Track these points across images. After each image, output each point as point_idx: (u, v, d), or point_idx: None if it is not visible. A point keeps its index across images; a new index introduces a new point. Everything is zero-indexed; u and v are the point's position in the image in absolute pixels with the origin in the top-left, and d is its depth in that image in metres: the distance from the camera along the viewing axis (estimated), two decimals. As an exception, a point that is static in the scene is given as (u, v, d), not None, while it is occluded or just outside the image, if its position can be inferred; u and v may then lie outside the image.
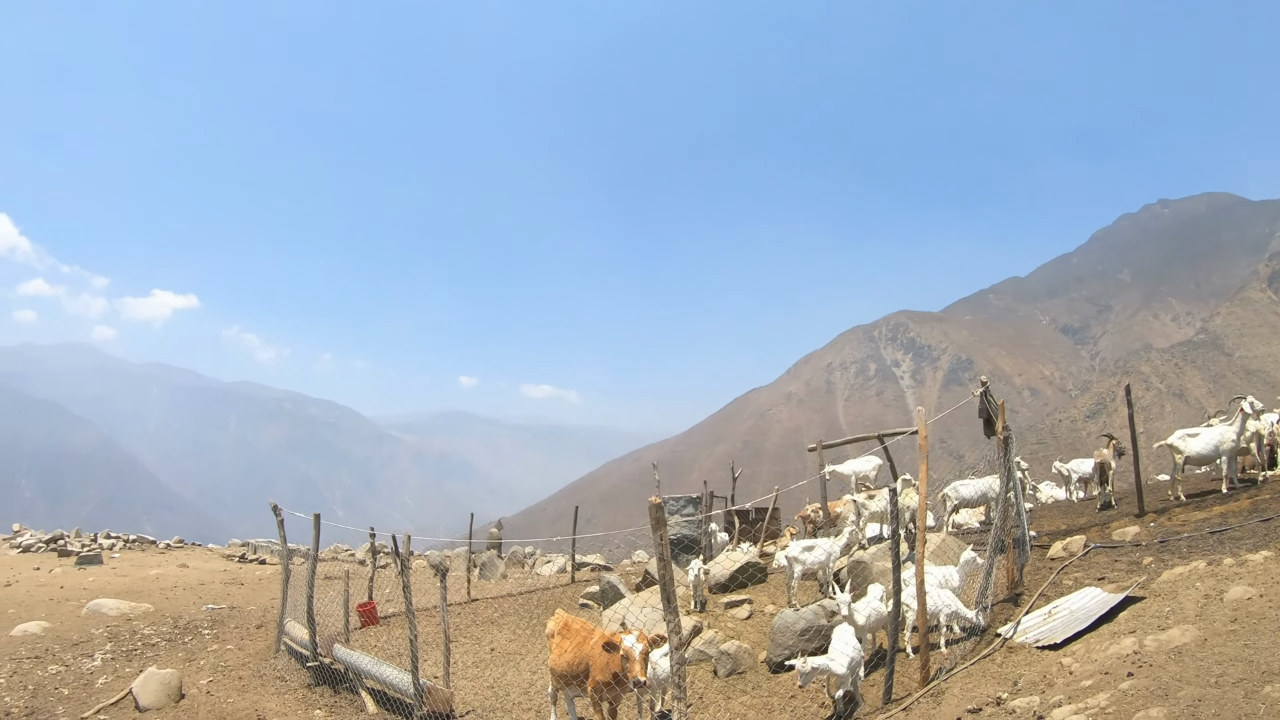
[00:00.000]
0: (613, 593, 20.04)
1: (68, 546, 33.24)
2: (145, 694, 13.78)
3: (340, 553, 40.69)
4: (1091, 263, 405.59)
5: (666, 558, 8.59)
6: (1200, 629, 9.34)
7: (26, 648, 17.16)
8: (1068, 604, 11.83)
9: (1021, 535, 15.24)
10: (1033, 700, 8.77)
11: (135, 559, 32.98)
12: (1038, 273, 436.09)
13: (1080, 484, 24.33)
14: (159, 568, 30.58)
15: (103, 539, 36.92)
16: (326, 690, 15.51)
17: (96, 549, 33.34)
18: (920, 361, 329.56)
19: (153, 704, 13.65)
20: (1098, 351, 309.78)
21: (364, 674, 14.74)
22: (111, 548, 35.16)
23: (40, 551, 32.96)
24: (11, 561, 30.01)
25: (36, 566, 28.85)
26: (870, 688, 11.62)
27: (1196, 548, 13.40)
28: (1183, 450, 18.23)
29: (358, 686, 14.94)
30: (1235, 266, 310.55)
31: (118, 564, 31.10)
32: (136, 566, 30.57)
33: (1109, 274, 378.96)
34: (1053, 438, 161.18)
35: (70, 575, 27.35)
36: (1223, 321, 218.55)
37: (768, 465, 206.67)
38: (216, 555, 37.38)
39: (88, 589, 24.19)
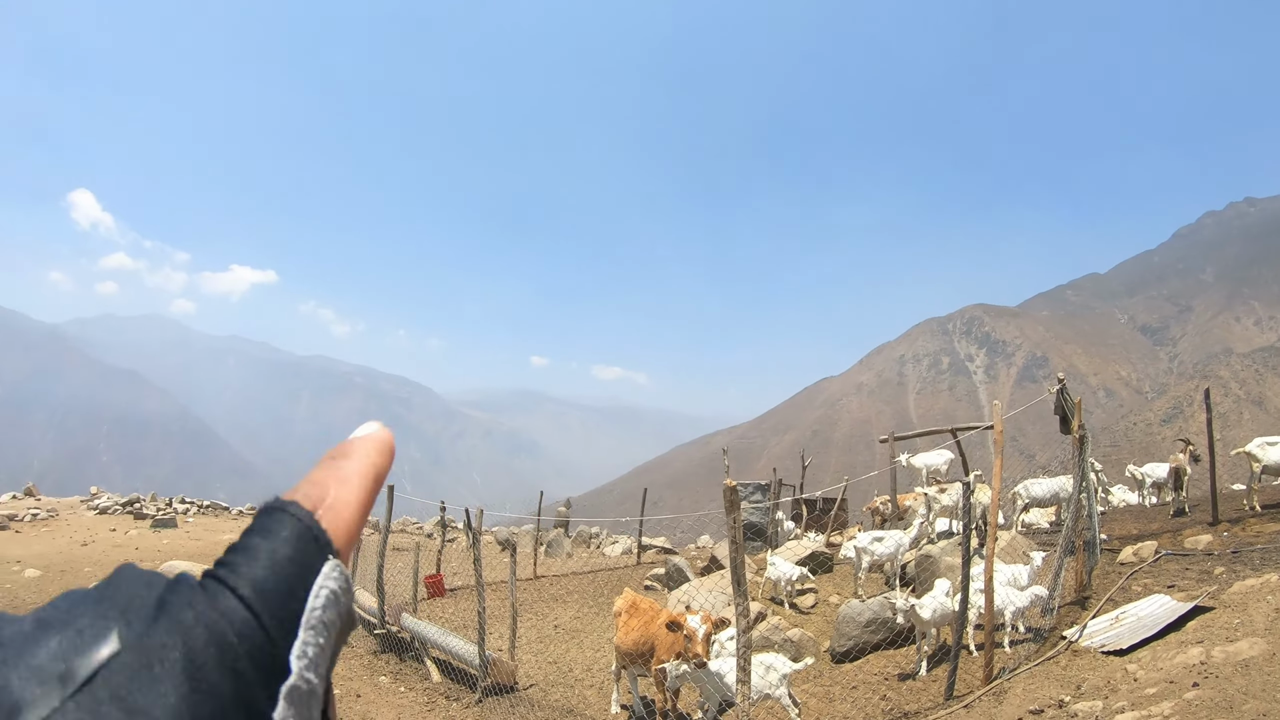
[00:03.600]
0: (678, 575, 20.22)
1: (143, 510, 33.92)
2: (214, 653, 14.21)
3: (409, 525, 41.27)
4: (1173, 261, 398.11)
5: (739, 540, 8.69)
6: (1269, 643, 9.30)
7: (103, 608, 17.71)
8: (1135, 610, 11.79)
9: (1092, 538, 15.16)
10: (1095, 705, 8.81)
11: (208, 524, 33.67)
12: (1118, 270, 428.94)
13: (1154, 489, 24.04)
14: (231, 533, 31.19)
15: (177, 504, 37.59)
16: (392, 657, 15.87)
17: (171, 513, 33.99)
18: (994, 357, 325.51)
19: (221, 663, 14.08)
20: (1176, 353, 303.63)
21: (430, 643, 15.05)
22: (185, 512, 35.84)
23: (116, 514, 33.64)
24: (89, 523, 30.75)
25: (113, 528, 29.55)
26: (933, 683, 11.70)
27: (1270, 560, 13.25)
28: (1261, 459, 17.98)
29: (423, 655, 15.27)
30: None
31: (191, 528, 31.78)
32: (209, 531, 31.24)
33: (1191, 273, 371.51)
34: (1127, 440, 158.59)
35: (145, 537, 28.03)
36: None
37: (836, 455, 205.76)
38: (288, 523, 38.09)
39: (161, 551, 24.82)
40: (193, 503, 38.58)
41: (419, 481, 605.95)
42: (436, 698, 13.79)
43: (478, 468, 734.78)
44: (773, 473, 28.21)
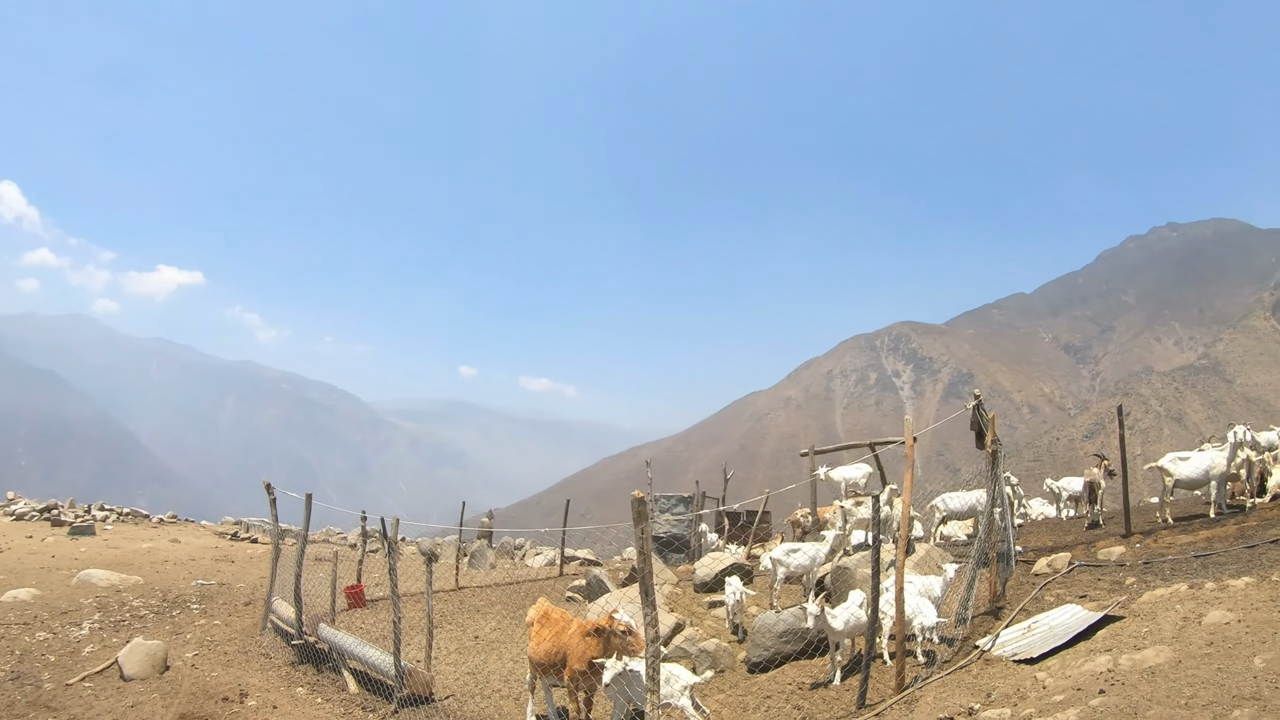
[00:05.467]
0: (599, 587, 20.14)
1: (61, 516, 33.34)
2: (130, 664, 13.89)
3: (332, 535, 40.84)
4: (1096, 283, 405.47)
5: (647, 551, 8.63)
6: (1176, 651, 9.41)
7: (15, 614, 17.27)
8: (1047, 620, 11.92)
9: (1006, 549, 15.36)
10: (1004, 712, 8.87)
11: (127, 532, 33.07)
12: (1042, 290, 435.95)
13: (1070, 502, 24.40)
14: (150, 541, 30.69)
15: (96, 511, 36.98)
16: (310, 669, 15.63)
17: (89, 520, 33.43)
18: (921, 373, 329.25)
19: (137, 674, 13.76)
20: (1099, 372, 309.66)
21: (347, 654, 14.87)
22: (104, 520, 35.22)
23: (33, 520, 33.04)
24: (4, 528, 30.12)
25: (29, 535, 28.97)
26: (846, 692, 11.72)
27: (1180, 571, 13.45)
28: (1173, 473, 18.31)
29: (340, 666, 15.08)
30: (1240, 293, 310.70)
31: (110, 536, 31.19)
32: (128, 539, 30.67)
33: (1113, 295, 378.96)
34: (1050, 455, 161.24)
35: (62, 545, 27.47)
36: (1225, 348, 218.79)
37: (763, 469, 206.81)
38: (208, 532, 37.51)
39: (79, 559, 24.30)
40: (112, 510, 37.90)
41: (345, 491, 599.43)
42: (353, 709, 13.62)
43: (404, 478, 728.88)
44: (695, 485, 28.25)
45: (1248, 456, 18.46)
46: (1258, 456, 18.92)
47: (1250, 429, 19.06)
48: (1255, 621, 9.93)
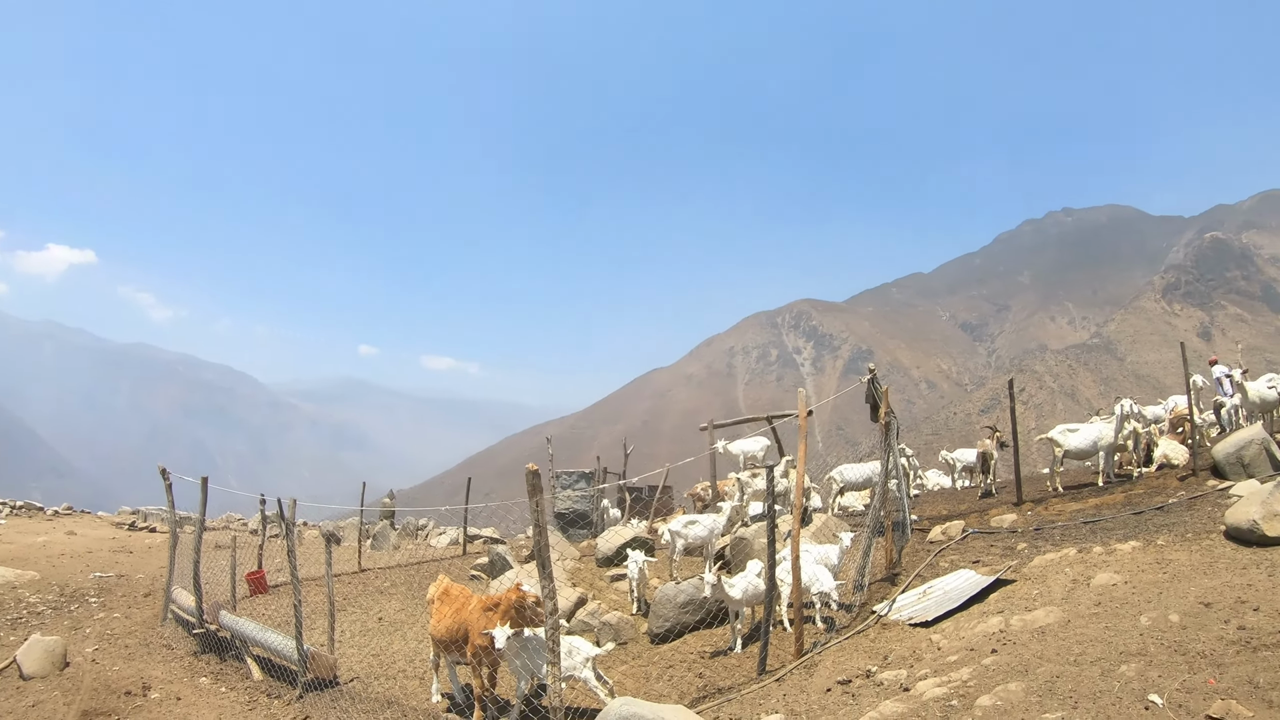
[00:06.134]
0: (501, 564, 20.08)
1: (-51, 513, 32.28)
2: (29, 662, 13.48)
3: (233, 522, 40.09)
4: (993, 264, 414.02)
5: (543, 524, 8.61)
6: (1065, 611, 9.71)
7: (-97, 618, 16.71)
8: (942, 584, 12.19)
9: (902, 518, 15.69)
10: (900, 673, 9.03)
11: (21, 526, 32.11)
12: (941, 270, 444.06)
13: (965, 473, 24.91)
14: (46, 535, 29.83)
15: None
16: (213, 658, 15.35)
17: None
18: (821, 350, 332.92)
19: (37, 672, 13.36)
20: (995, 349, 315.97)
21: (250, 640, 14.61)
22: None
23: (-81, 518, 31.96)
24: (-113, 527, 29.09)
25: (-85, 533, 27.97)
26: (747, 659, 11.85)
27: (1069, 536, 13.85)
28: (1062, 444, 18.81)
29: (244, 654, 14.81)
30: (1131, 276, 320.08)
31: (2, 531, 30.22)
32: (22, 534, 29.77)
33: (1010, 275, 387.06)
34: (947, 429, 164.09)
35: (-46, 542, 26.57)
36: (1116, 327, 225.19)
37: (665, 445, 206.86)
38: (105, 523, 36.56)
39: (-30, 558, 23.54)
40: (5, 504, 36.70)
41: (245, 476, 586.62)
42: (258, 696, 13.40)
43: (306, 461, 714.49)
44: (597, 461, 28.29)
45: (1134, 429, 19.05)
46: (1144, 429, 19.56)
47: (1137, 403, 19.71)
48: (1141, 583, 10.28)
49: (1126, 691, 7.09)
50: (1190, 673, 7.27)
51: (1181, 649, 7.84)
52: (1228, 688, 6.85)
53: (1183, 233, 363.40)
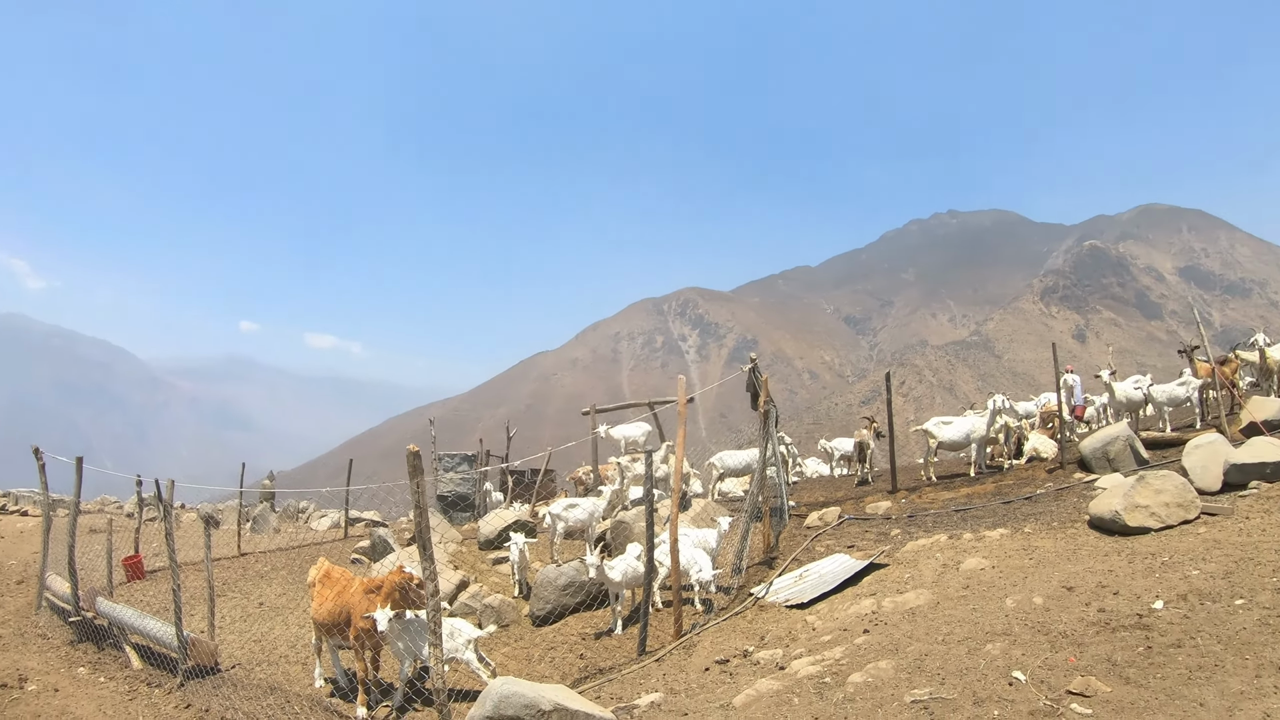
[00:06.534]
0: (384, 547, 19.91)
1: None
2: (-102, 658, 12.99)
3: (108, 504, 38.92)
4: (879, 260, 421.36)
5: (423, 505, 8.58)
6: (935, 594, 10.05)
7: None
8: (818, 568, 12.47)
9: (780, 504, 16.00)
10: (776, 653, 9.26)
11: (-116, 517, 30.81)
12: (827, 264, 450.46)
13: (843, 461, 25.44)
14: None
15: None
16: (90, 647, 14.96)
17: None
18: (707, 338, 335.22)
19: (-94, 668, 12.89)
20: (877, 343, 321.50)
21: (128, 628, 14.24)
22: None
23: None
24: None
25: None
26: (628, 640, 11.98)
27: (941, 524, 14.28)
28: (937, 436, 19.36)
29: (122, 641, 14.43)
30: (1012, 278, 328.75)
31: None
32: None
33: (894, 272, 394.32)
34: (828, 419, 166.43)
35: None
36: (995, 326, 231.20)
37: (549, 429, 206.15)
38: (-27, 509, 35.25)
39: None
40: None
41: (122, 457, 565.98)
42: (138, 685, 13.08)
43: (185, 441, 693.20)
44: (480, 444, 28.20)
45: (1006, 423, 19.76)
46: (1015, 423, 20.27)
47: (1010, 399, 20.39)
48: (1008, 568, 10.70)
49: (992, 669, 7.40)
50: (1052, 651, 7.62)
51: (1044, 629, 8.21)
52: (1088, 665, 7.20)
53: (1063, 239, 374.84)
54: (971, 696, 6.93)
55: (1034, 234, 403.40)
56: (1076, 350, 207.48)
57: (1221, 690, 6.46)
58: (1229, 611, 8.05)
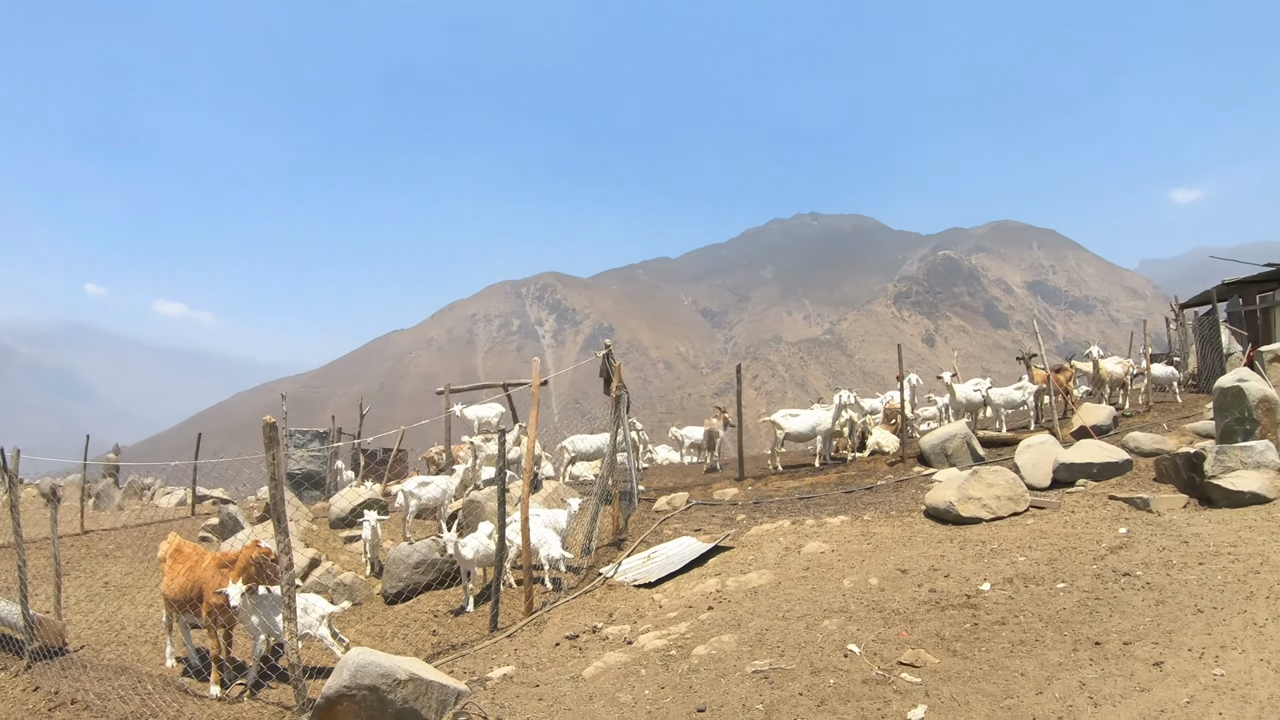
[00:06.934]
0: (233, 524, 19.56)
1: None
2: None
3: (-62, 480, 37.02)
4: (739, 256, 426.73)
5: (280, 478, 8.50)
6: (777, 574, 10.49)
7: None
8: (665, 550, 12.80)
9: (630, 488, 16.33)
10: (624, 628, 9.54)
11: None
12: (687, 257, 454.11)
13: (693, 449, 25.92)
14: None
15: None
16: (-70, 632, 14.39)
17: None
18: (564, 324, 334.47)
19: None
20: (732, 337, 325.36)
21: (-33, 609, 13.73)
22: None
23: None
24: None
25: None
26: (480, 618, 12.09)
27: (785, 510, 14.79)
28: (784, 427, 19.87)
29: (-39, 626, 13.91)
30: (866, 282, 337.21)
31: None
32: None
33: (753, 269, 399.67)
34: (681, 409, 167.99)
35: None
36: (848, 326, 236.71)
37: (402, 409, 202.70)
38: None
39: None
40: None
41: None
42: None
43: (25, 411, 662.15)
44: (332, 421, 27.86)
45: (851, 418, 20.47)
46: (860, 418, 20.97)
47: (856, 394, 21.10)
48: (846, 551, 11.22)
49: (828, 642, 7.82)
50: (886, 627, 8.08)
51: (879, 607, 8.68)
52: (918, 639, 7.67)
53: (919, 248, 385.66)
54: (809, 667, 7.32)
55: (891, 240, 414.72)
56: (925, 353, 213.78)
57: (1041, 662, 6.96)
58: (1051, 594, 8.62)
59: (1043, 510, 12.49)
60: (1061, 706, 6.20)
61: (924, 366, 48.85)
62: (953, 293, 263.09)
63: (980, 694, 6.55)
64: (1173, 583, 8.51)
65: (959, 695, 6.57)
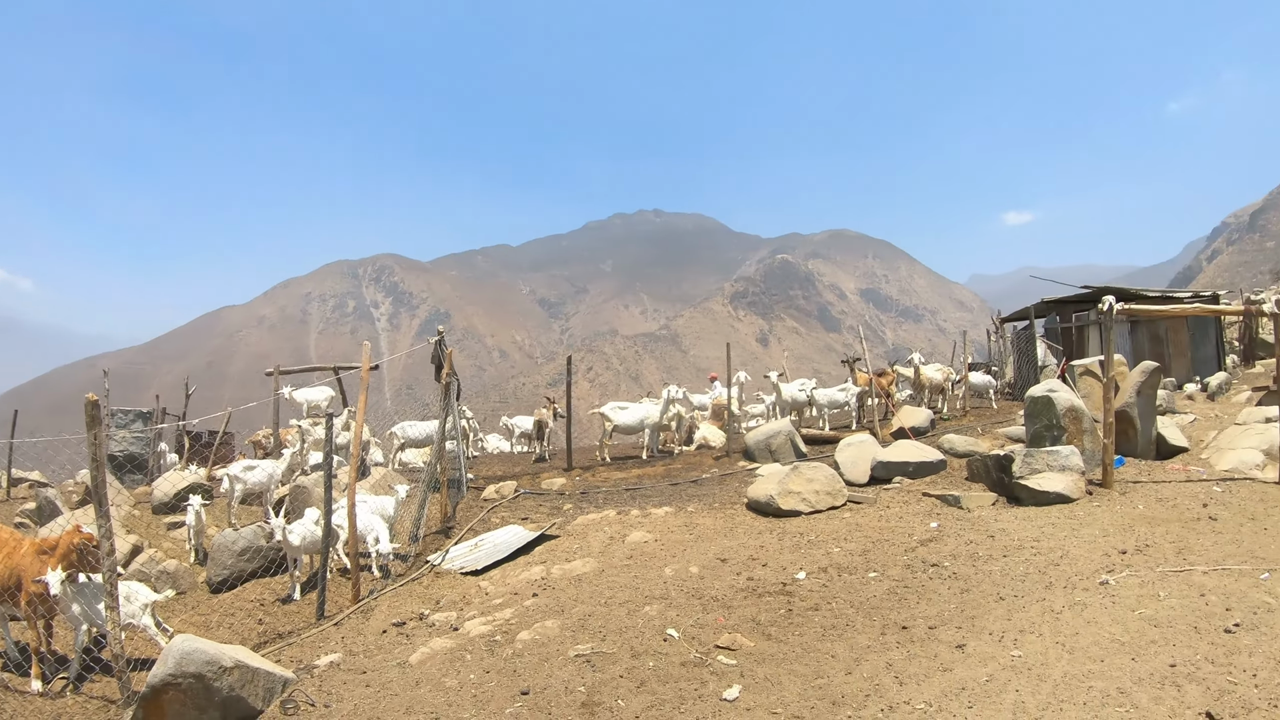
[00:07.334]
0: (51, 509, 18.85)
1: None
2: None
3: None
4: (580, 248, 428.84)
5: (101, 459, 8.26)
6: (601, 562, 10.76)
7: None
8: (492, 538, 12.94)
9: (459, 476, 16.43)
10: (451, 615, 9.64)
11: None
12: (528, 246, 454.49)
13: (523, 438, 26.08)
14: None
15: None
16: None
17: None
18: (400, 307, 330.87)
19: None
20: (569, 328, 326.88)
21: None
22: None
23: None
24: None
25: None
26: (307, 606, 12.00)
27: (612, 500, 15.08)
28: (613, 420, 20.20)
29: None
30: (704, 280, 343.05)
31: None
32: None
33: (594, 261, 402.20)
34: (515, 398, 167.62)
35: None
36: (684, 323, 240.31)
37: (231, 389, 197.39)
38: None
39: None
40: None
41: None
42: None
43: None
44: (156, 400, 27.00)
45: (679, 412, 20.97)
46: (688, 413, 21.48)
47: (685, 390, 21.61)
48: (669, 541, 11.58)
49: (649, 627, 8.11)
50: (704, 612, 8.42)
51: (699, 594, 9.02)
52: (735, 624, 8.03)
53: (758, 250, 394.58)
54: (630, 650, 7.57)
55: (731, 242, 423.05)
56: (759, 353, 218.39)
57: (851, 645, 7.35)
58: (863, 582, 9.07)
59: (860, 505, 13.07)
60: (869, 685, 6.56)
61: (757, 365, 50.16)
62: (788, 295, 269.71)
63: (792, 674, 6.88)
64: (978, 573, 9.04)
65: (772, 676, 6.89)
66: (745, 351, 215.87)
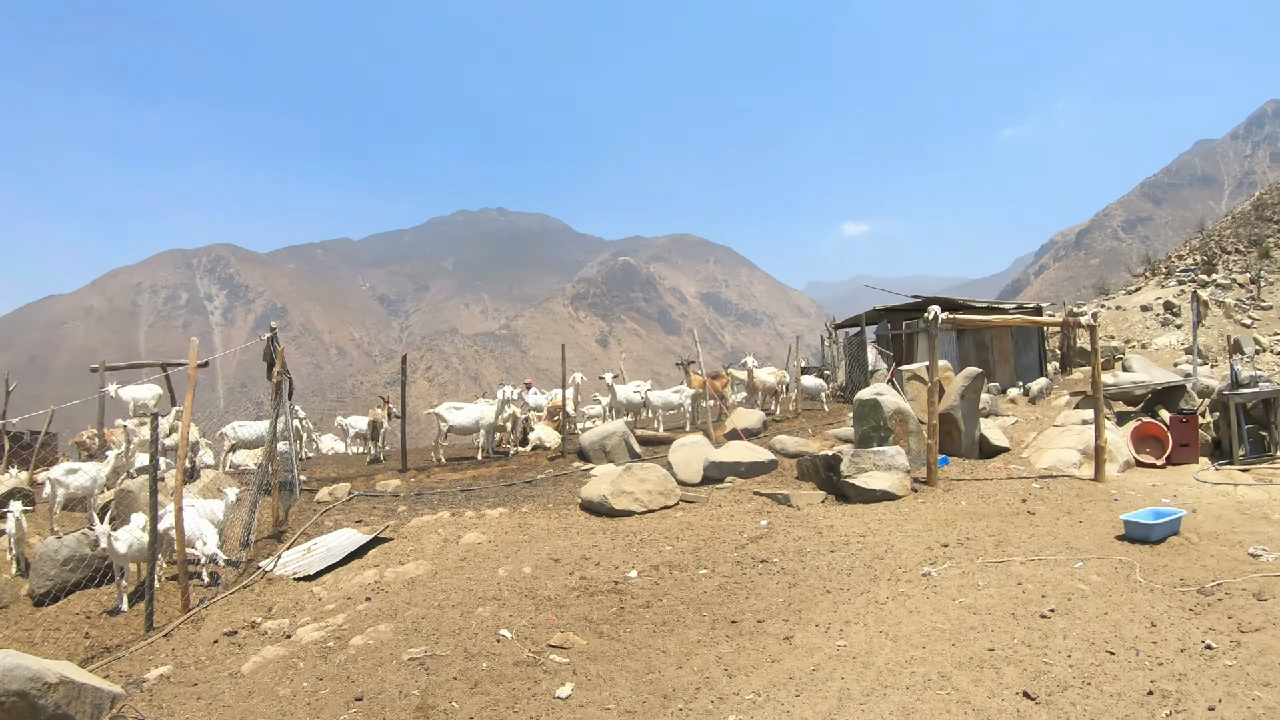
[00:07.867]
0: None
1: None
2: None
3: None
4: (422, 244, 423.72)
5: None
6: (435, 565, 10.82)
7: None
8: (326, 542, 12.81)
9: (292, 478, 16.20)
10: (283, 622, 9.58)
11: None
12: (369, 240, 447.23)
13: (357, 439, 25.75)
14: None
15: None
16: None
17: None
18: (235, 300, 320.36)
19: None
20: (409, 325, 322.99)
21: None
22: None
23: None
24: None
25: None
26: (135, 617, 11.70)
27: (446, 502, 15.06)
28: (448, 420, 20.18)
29: None
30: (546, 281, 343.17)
31: None
32: None
33: (435, 259, 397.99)
34: (353, 397, 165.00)
35: None
36: (525, 323, 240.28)
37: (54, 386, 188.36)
38: None
39: None
40: None
41: None
42: None
43: None
44: (-32, 400, 25.79)
45: (514, 413, 21.10)
46: (523, 414, 21.63)
47: (520, 390, 21.76)
48: (503, 542, 11.70)
49: (482, 628, 8.23)
50: (537, 612, 8.59)
51: (532, 594, 9.17)
52: (568, 623, 8.22)
53: (600, 252, 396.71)
54: (463, 652, 7.68)
55: (574, 243, 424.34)
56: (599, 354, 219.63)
57: (682, 640, 7.60)
58: (694, 579, 9.34)
59: (692, 504, 13.40)
60: (699, 678, 6.80)
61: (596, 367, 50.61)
62: (629, 298, 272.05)
63: (625, 671, 7.08)
64: (806, 568, 9.40)
65: (604, 673, 7.07)
66: (585, 353, 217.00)
